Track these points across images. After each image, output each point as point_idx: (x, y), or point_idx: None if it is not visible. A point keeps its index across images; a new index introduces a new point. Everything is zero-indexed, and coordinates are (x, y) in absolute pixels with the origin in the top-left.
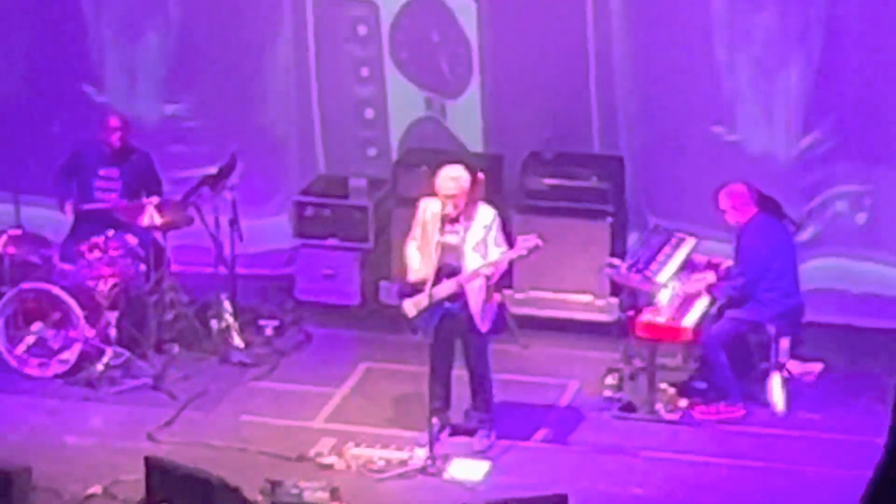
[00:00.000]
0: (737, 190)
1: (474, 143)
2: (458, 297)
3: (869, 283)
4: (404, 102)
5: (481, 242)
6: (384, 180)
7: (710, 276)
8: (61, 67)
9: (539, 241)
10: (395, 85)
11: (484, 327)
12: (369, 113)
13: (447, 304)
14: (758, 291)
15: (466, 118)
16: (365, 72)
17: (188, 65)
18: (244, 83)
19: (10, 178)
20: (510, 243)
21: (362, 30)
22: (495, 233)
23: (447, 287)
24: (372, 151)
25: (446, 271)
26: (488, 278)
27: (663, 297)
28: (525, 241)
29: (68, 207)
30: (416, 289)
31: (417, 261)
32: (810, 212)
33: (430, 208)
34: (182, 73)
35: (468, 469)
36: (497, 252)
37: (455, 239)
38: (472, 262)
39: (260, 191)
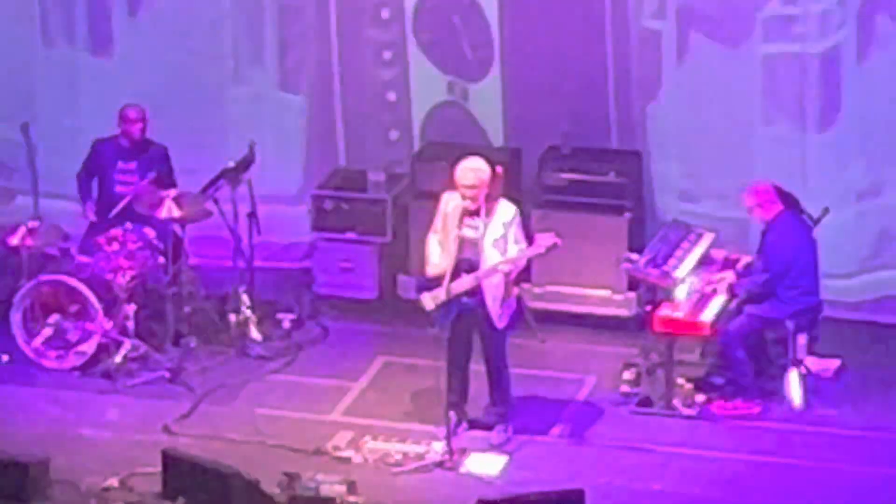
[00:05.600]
0: (762, 188)
1: (495, 129)
2: (476, 292)
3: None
4: (427, 86)
5: (501, 238)
6: (403, 175)
7: (730, 275)
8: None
9: (558, 241)
10: (417, 68)
11: (502, 323)
12: (391, 96)
13: (464, 300)
14: (779, 289)
15: (488, 103)
16: (387, 55)
17: None
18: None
19: (29, 170)
20: (529, 240)
21: (385, 13)
22: (515, 229)
23: (465, 282)
24: (394, 134)
25: (465, 266)
26: (507, 275)
27: (681, 292)
28: (543, 240)
29: (89, 209)
30: (434, 283)
31: (437, 255)
32: (827, 209)
33: (451, 201)
34: None
35: (485, 463)
36: (515, 249)
37: (474, 233)
38: (490, 257)
39: (279, 178)
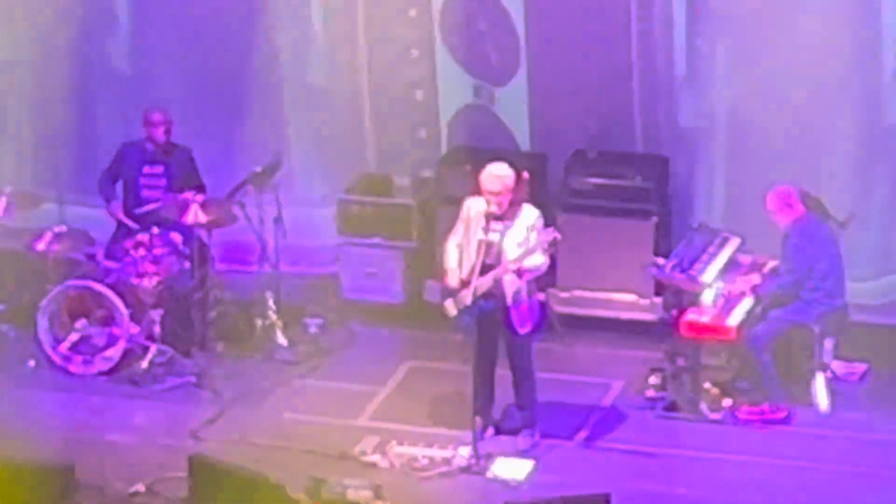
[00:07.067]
0: (784, 191)
1: (521, 133)
2: (493, 295)
3: None
4: (454, 86)
5: (523, 242)
6: (429, 179)
7: (755, 278)
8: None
9: (557, 235)
10: (445, 68)
11: (525, 327)
12: (419, 94)
13: (481, 302)
14: (803, 292)
15: (514, 107)
16: (415, 53)
17: None
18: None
19: (54, 176)
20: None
21: (413, 12)
22: (537, 233)
23: (484, 282)
24: (422, 133)
25: (489, 271)
26: (520, 275)
27: (707, 296)
28: (543, 235)
29: (116, 209)
30: (457, 290)
31: (455, 260)
32: (853, 213)
33: (474, 207)
34: None
35: (511, 468)
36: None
37: (496, 237)
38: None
39: (306, 180)
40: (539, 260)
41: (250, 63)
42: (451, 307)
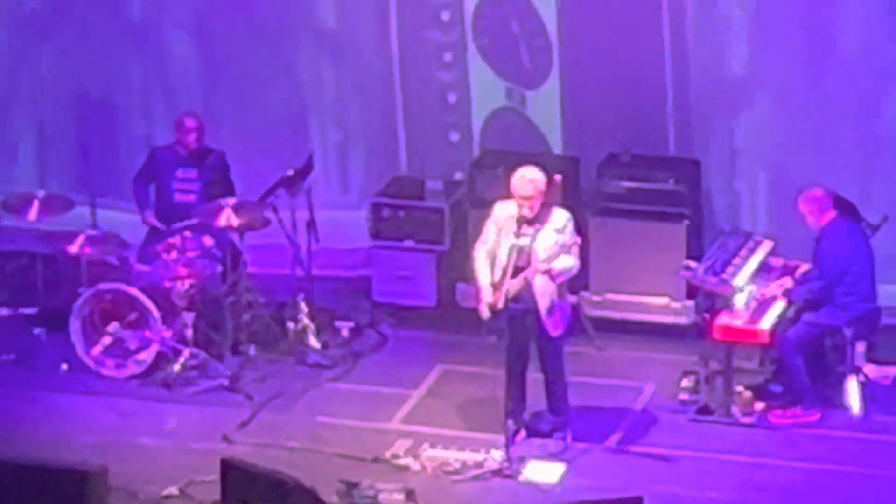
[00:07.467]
0: (816, 194)
1: (553, 136)
2: (522, 298)
3: None
4: (487, 89)
5: (553, 245)
6: (461, 182)
7: (788, 281)
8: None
9: (577, 239)
10: (477, 71)
11: (557, 330)
12: (452, 98)
13: (512, 305)
14: (835, 295)
15: (546, 110)
16: (448, 56)
17: None
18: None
19: (85, 180)
20: (582, 247)
21: (445, 15)
22: (567, 236)
23: (515, 283)
24: (454, 136)
25: (517, 274)
26: (551, 278)
27: (739, 300)
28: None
29: (150, 217)
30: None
31: (487, 275)
32: (886, 217)
33: (504, 211)
34: None
35: (544, 471)
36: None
37: (527, 241)
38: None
39: (339, 183)
40: (569, 262)
41: (282, 65)
42: (485, 310)
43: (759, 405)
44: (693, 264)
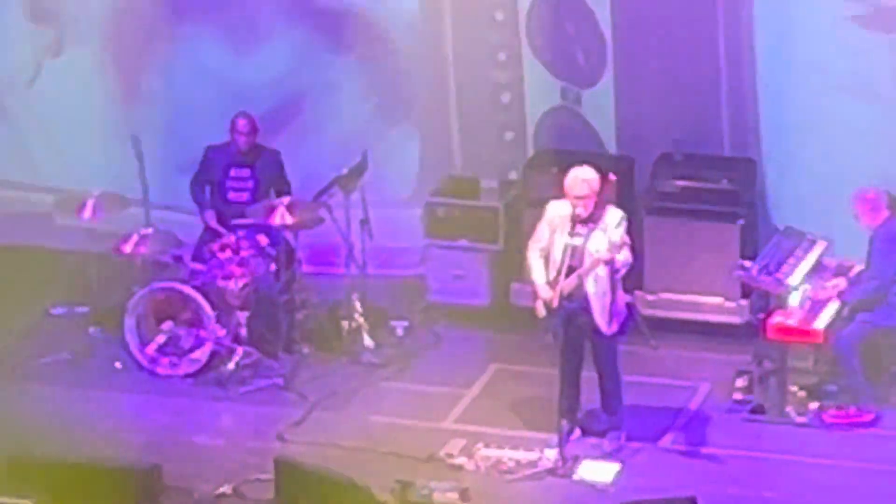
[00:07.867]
0: (870, 194)
1: (607, 134)
2: (576, 296)
3: None
4: (540, 88)
5: (606, 244)
6: (515, 182)
7: (842, 282)
8: None
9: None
10: (531, 71)
11: (611, 329)
12: (506, 97)
13: (566, 303)
14: (890, 295)
15: (600, 109)
16: (502, 56)
17: None
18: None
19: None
20: (634, 245)
21: (499, 15)
22: (619, 236)
23: (570, 281)
24: (509, 135)
25: (571, 273)
26: (615, 270)
27: (794, 299)
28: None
29: (210, 218)
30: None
31: (542, 275)
32: None
33: (557, 210)
34: None
35: (598, 470)
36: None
37: (580, 241)
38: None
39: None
40: (626, 255)
41: (337, 66)
42: (540, 308)
43: (814, 405)
44: (747, 264)
